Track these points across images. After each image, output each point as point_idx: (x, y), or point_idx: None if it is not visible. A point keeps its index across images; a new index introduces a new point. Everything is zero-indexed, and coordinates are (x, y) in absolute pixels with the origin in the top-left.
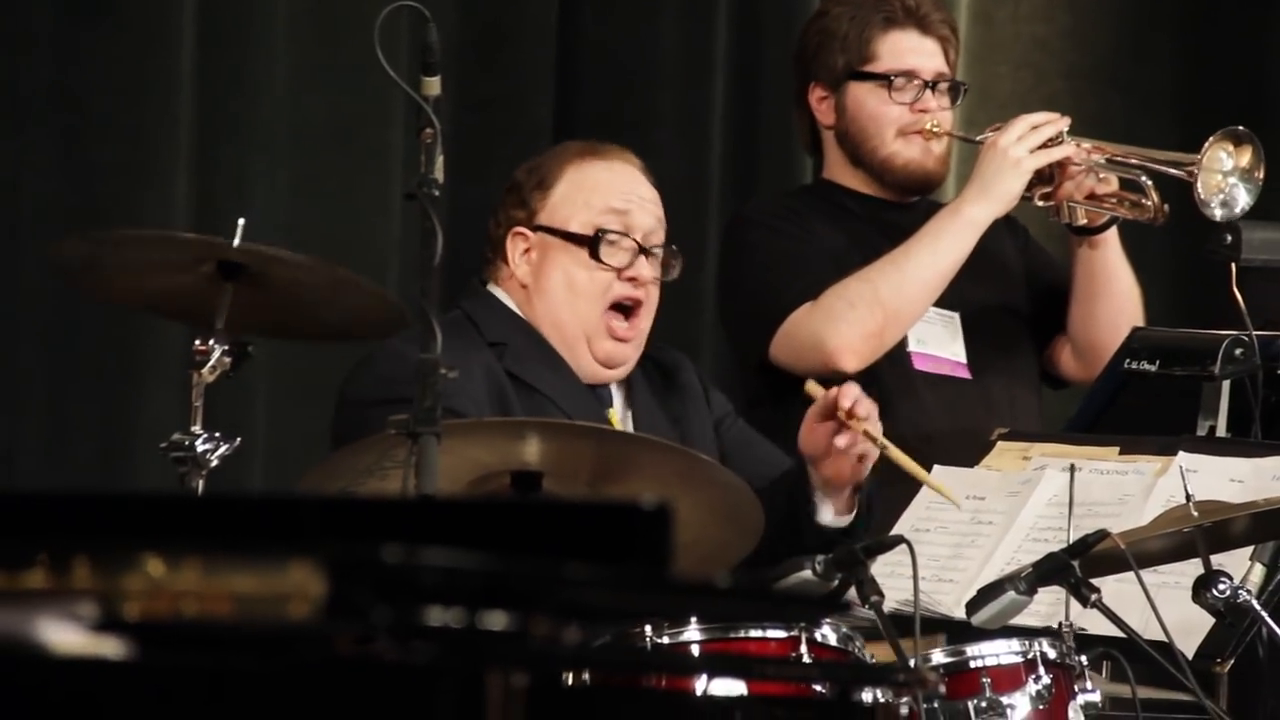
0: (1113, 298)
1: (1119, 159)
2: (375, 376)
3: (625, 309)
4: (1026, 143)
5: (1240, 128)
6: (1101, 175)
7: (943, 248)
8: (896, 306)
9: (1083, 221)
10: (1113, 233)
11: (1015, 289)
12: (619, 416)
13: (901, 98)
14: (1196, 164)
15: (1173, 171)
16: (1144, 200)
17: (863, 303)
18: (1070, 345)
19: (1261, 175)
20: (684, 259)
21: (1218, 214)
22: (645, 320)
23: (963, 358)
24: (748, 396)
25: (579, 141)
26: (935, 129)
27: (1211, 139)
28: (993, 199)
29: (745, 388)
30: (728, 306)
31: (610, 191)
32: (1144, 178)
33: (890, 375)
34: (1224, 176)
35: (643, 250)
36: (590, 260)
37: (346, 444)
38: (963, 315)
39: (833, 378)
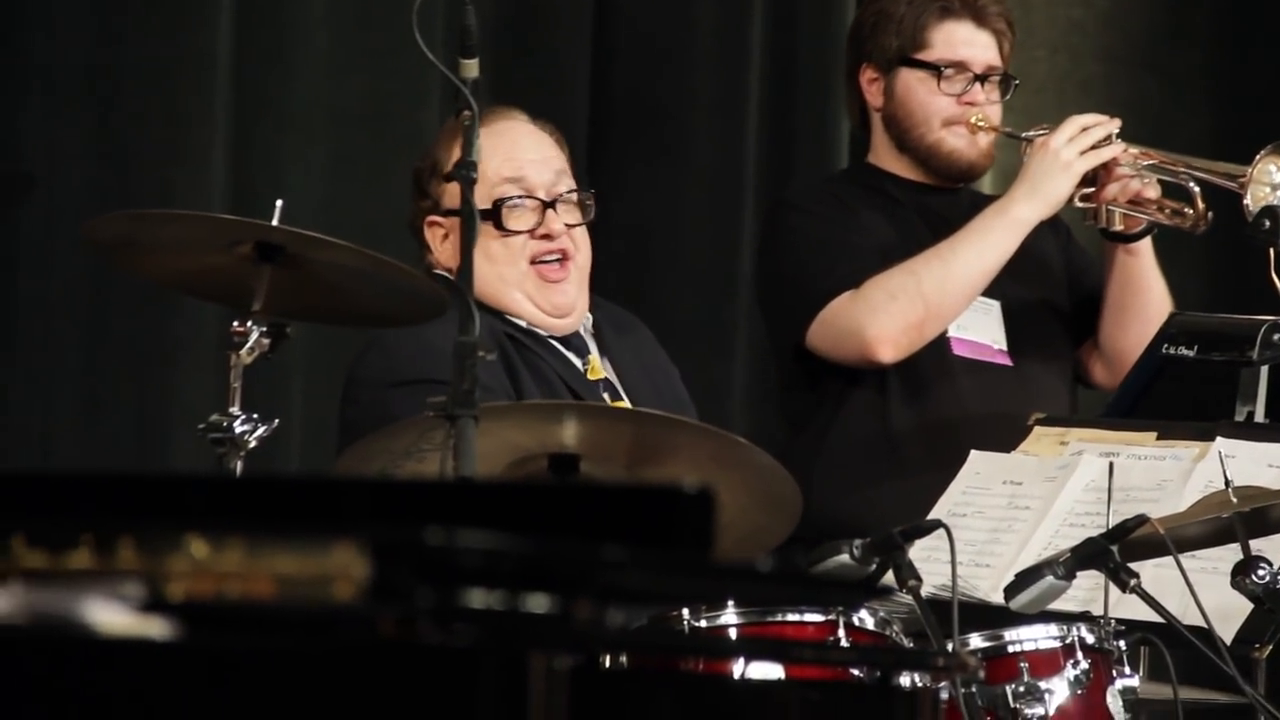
0: (1144, 308)
1: (1166, 165)
2: (389, 357)
3: (548, 261)
4: (1077, 144)
5: None
6: (1146, 179)
7: (988, 246)
8: (939, 301)
9: (1118, 227)
10: (1147, 242)
11: (1056, 287)
12: (599, 364)
13: (950, 89)
14: (1247, 176)
15: (1221, 182)
16: (1186, 209)
17: (905, 295)
18: (1098, 351)
19: None
20: (720, 243)
21: (1265, 227)
22: (581, 261)
23: (1003, 344)
24: (782, 380)
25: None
26: (981, 123)
27: (1263, 152)
28: (1041, 200)
29: (780, 371)
30: (766, 290)
31: (498, 160)
32: (1191, 184)
33: (928, 359)
34: (1272, 190)
35: (548, 205)
36: (497, 231)
37: (364, 428)
38: (1003, 307)
39: (869, 368)
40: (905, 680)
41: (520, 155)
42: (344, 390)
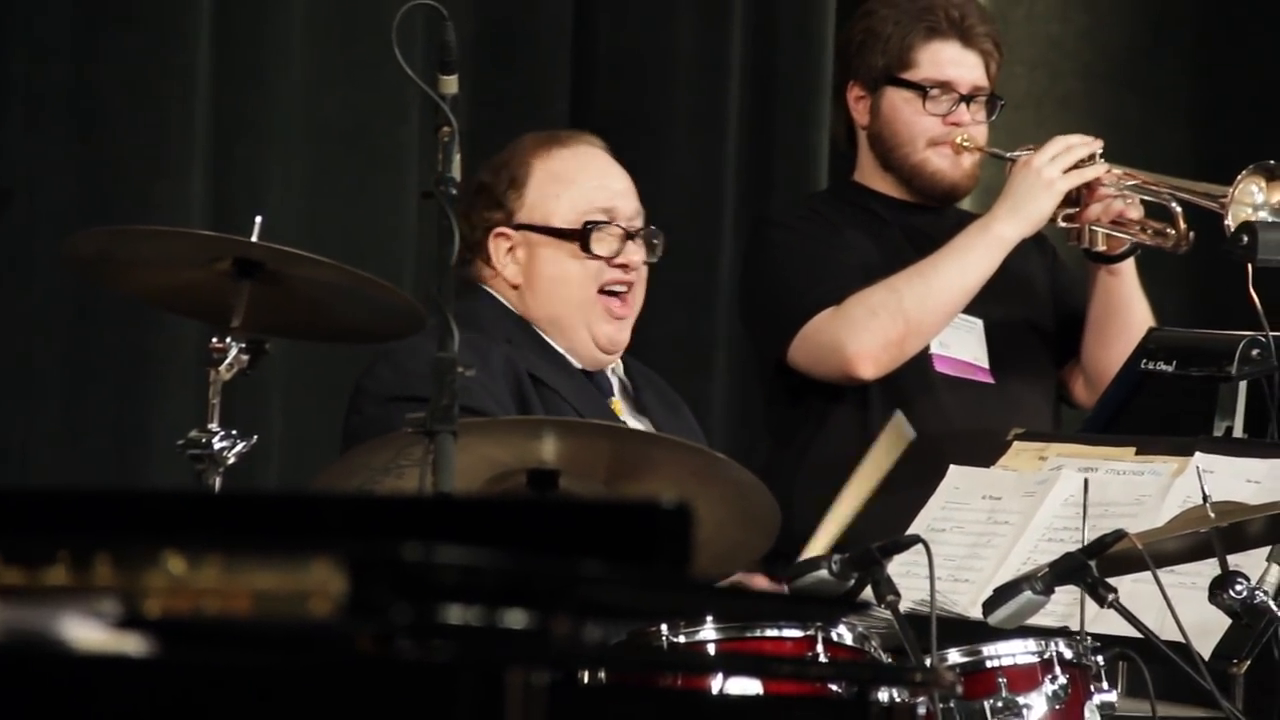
0: (1127, 328)
1: (1148, 185)
2: (398, 371)
3: (616, 292)
4: (1060, 163)
5: (1273, 163)
6: (1129, 200)
7: (970, 263)
8: (919, 318)
9: (1101, 248)
10: (1130, 263)
11: (1040, 306)
12: (621, 406)
13: (935, 109)
14: (1228, 196)
15: (1203, 202)
16: (1168, 229)
17: (885, 311)
18: (1081, 370)
19: None
20: (699, 258)
21: (1243, 242)
22: (638, 299)
23: (984, 362)
24: (765, 396)
25: (537, 133)
26: (966, 144)
27: (1244, 172)
28: (1023, 218)
29: (763, 387)
30: (749, 306)
31: (591, 186)
32: (1173, 204)
33: (910, 376)
34: (1254, 211)
35: (630, 236)
36: (581, 252)
37: (366, 438)
38: (986, 326)
39: (850, 385)
40: (883, 695)
41: (611, 185)
42: (350, 398)
